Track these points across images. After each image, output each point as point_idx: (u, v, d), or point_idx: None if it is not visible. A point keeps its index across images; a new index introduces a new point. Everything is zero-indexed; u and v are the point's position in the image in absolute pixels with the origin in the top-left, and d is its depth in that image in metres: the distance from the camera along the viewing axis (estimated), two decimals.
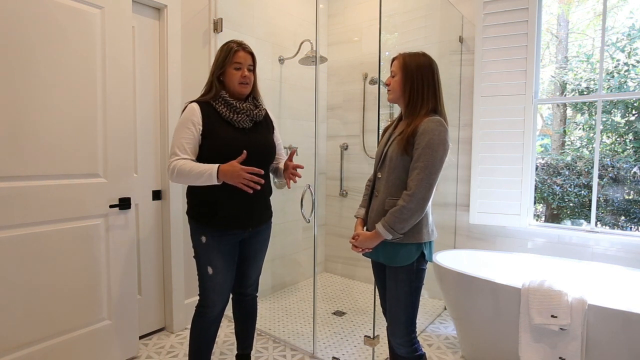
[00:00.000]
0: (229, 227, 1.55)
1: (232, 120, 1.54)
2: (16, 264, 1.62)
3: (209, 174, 1.41)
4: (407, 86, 1.41)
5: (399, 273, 1.40)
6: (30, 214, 1.65)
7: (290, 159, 1.61)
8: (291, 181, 1.60)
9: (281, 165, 1.74)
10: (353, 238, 1.47)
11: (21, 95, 1.60)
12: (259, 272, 1.81)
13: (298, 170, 1.58)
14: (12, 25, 1.56)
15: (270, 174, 1.77)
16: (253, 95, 1.64)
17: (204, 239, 1.55)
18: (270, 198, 1.73)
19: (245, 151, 1.42)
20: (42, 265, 1.70)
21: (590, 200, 3.48)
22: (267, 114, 1.70)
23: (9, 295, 1.61)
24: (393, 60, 1.47)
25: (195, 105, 1.52)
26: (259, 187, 1.42)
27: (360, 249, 1.45)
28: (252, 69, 1.60)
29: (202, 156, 1.52)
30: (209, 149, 1.51)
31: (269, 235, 1.77)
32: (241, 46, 1.56)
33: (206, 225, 1.54)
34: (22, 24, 1.58)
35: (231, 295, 1.79)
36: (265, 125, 1.68)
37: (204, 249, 1.56)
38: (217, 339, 2.29)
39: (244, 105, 1.57)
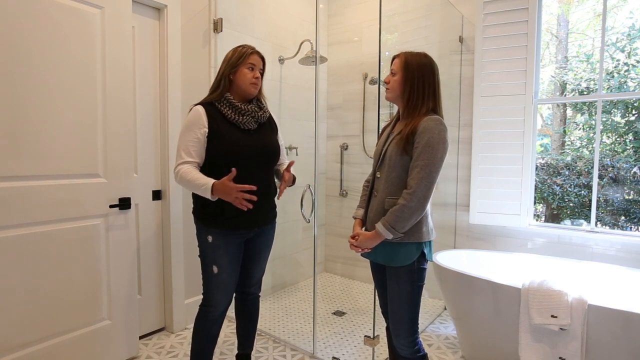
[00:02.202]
0: (235, 227, 1.57)
1: (237, 122, 1.55)
2: (16, 264, 1.62)
3: (204, 188, 1.42)
4: (407, 86, 1.40)
5: (400, 273, 1.40)
6: (30, 214, 1.65)
7: (288, 169, 1.63)
8: (282, 192, 1.62)
9: (281, 169, 1.76)
10: (352, 237, 1.47)
11: (21, 96, 1.60)
12: (263, 272, 1.82)
13: (287, 181, 1.62)
14: (12, 25, 1.56)
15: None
16: (257, 97, 1.67)
17: (210, 238, 1.56)
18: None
19: (234, 169, 1.40)
20: (42, 265, 1.70)
21: (590, 200, 3.48)
22: (270, 116, 1.72)
23: (9, 295, 1.61)
24: (394, 58, 1.47)
25: (200, 108, 1.54)
26: (251, 206, 1.42)
27: (360, 249, 1.44)
28: (262, 73, 1.64)
29: (208, 158, 1.54)
30: (215, 151, 1.52)
31: (273, 235, 1.78)
32: (255, 50, 1.60)
33: (212, 225, 1.55)
34: (22, 24, 1.58)
35: (234, 295, 1.79)
36: (269, 126, 1.70)
37: (210, 248, 1.57)
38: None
39: (248, 107, 1.59)
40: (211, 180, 1.43)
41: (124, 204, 1.95)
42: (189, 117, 1.54)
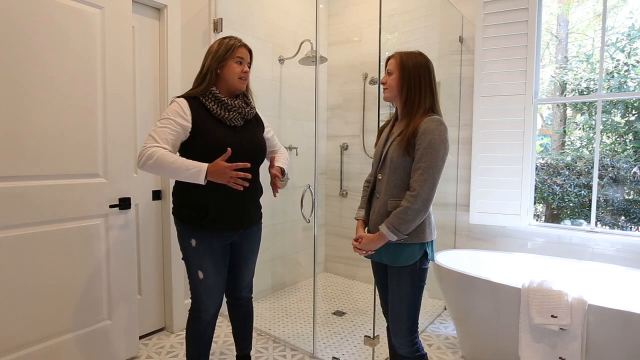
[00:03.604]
0: (220, 229, 1.51)
1: (224, 118, 1.48)
2: (16, 264, 1.62)
3: (196, 170, 1.32)
4: (404, 84, 1.40)
5: (402, 273, 1.40)
6: (30, 214, 1.65)
7: (272, 165, 1.59)
8: (278, 188, 1.59)
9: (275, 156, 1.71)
10: (356, 240, 1.46)
11: (21, 95, 1.60)
12: (252, 274, 1.78)
13: (277, 177, 1.57)
14: (12, 25, 1.56)
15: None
16: (244, 93, 1.61)
17: (193, 242, 1.49)
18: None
19: (229, 149, 1.34)
20: (42, 266, 1.70)
21: (590, 200, 3.48)
22: (256, 112, 1.67)
23: (9, 295, 1.61)
24: (389, 59, 1.47)
25: (183, 101, 1.44)
26: (247, 184, 1.35)
27: (364, 251, 1.44)
28: (249, 66, 1.58)
29: (192, 156, 1.43)
30: (199, 148, 1.44)
31: (260, 236, 1.73)
32: (242, 42, 1.54)
33: (196, 228, 1.49)
34: (22, 24, 1.58)
35: (226, 300, 1.76)
36: (255, 123, 1.64)
37: (194, 252, 1.51)
38: (217, 339, 2.29)
39: (235, 102, 1.52)
40: (204, 163, 1.33)
41: (124, 204, 1.95)
42: (171, 108, 1.43)
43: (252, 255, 1.72)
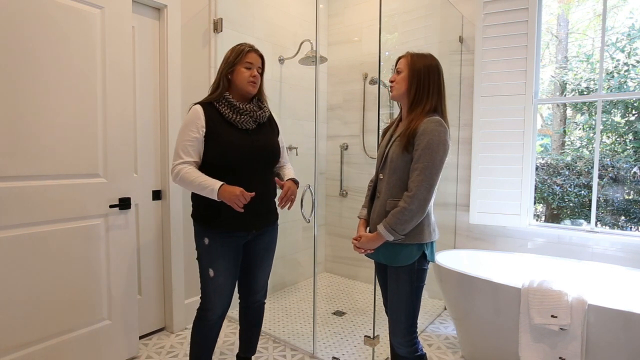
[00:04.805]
0: (232, 229, 1.54)
1: (235, 122, 1.53)
2: (16, 264, 1.62)
3: (210, 189, 1.44)
4: (413, 83, 1.40)
5: (400, 273, 1.40)
6: (30, 214, 1.65)
7: (280, 178, 1.70)
8: (290, 202, 1.64)
9: (280, 172, 1.75)
10: (355, 239, 1.48)
11: (21, 95, 1.60)
12: (267, 277, 1.78)
13: (292, 191, 1.63)
14: (12, 26, 1.56)
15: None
16: (258, 97, 1.65)
17: (206, 240, 1.54)
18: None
19: (254, 193, 1.47)
20: (42, 266, 1.70)
21: (590, 200, 3.48)
22: (271, 116, 1.70)
23: (9, 295, 1.61)
24: (399, 58, 1.47)
25: (199, 107, 1.53)
26: (242, 210, 1.46)
27: (363, 250, 1.45)
28: (261, 71, 1.62)
29: (206, 158, 1.53)
30: (212, 151, 1.51)
31: (275, 238, 1.74)
32: (253, 48, 1.58)
33: (209, 226, 1.54)
34: (22, 24, 1.58)
35: (239, 302, 1.78)
36: (269, 126, 1.68)
37: (206, 250, 1.55)
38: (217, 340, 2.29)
39: (247, 106, 1.57)
40: (218, 184, 1.44)
41: (124, 204, 1.95)
42: (187, 116, 1.53)
43: (267, 257, 1.73)
